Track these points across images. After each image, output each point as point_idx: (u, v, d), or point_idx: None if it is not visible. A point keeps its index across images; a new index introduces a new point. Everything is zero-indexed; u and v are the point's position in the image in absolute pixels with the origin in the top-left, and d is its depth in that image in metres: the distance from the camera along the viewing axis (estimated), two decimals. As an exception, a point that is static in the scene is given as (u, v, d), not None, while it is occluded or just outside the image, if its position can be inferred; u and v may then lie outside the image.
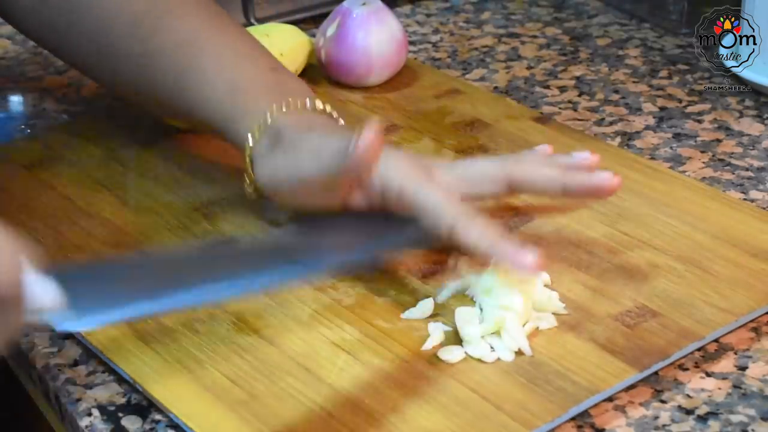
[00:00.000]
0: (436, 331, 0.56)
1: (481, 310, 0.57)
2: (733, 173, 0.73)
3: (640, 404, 0.54)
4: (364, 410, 0.52)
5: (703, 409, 0.53)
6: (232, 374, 0.54)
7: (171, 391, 0.53)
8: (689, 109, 0.82)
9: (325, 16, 1.01)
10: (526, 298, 0.56)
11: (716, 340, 0.57)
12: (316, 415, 0.52)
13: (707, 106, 0.82)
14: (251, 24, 0.94)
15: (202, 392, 0.53)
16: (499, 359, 0.55)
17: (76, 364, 0.57)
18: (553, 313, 0.58)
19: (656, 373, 0.55)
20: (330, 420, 0.51)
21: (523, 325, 0.56)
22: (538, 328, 0.57)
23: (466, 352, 0.55)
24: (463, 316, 0.56)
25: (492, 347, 0.55)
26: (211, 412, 0.52)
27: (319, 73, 0.85)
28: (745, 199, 0.70)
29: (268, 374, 0.54)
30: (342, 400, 0.52)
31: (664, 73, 0.88)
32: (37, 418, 0.64)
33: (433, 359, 0.55)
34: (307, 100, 0.64)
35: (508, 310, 0.56)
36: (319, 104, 0.64)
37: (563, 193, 0.62)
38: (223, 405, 0.52)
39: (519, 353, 0.55)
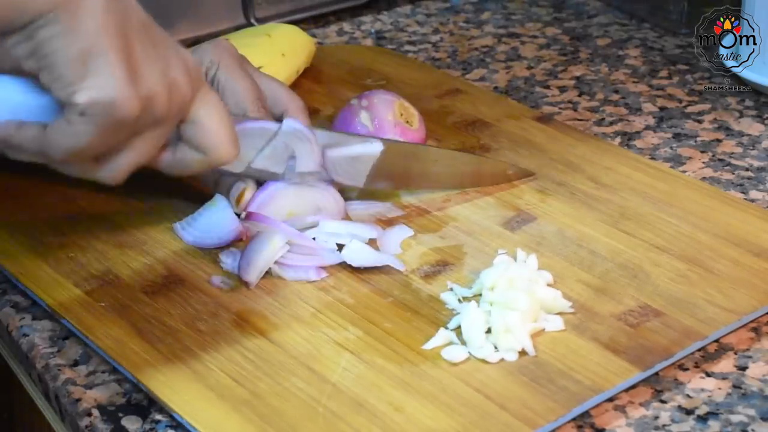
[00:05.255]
0: (440, 331, 0.56)
1: (485, 310, 0.57)
2: (733, 173, 0.73)
3: (640, 404, 0.54)
4: (368, 409, 0.52)
5: (703, 409, 0.53)
6: (236, 373, 0.54)
7: (174, 390, 0.53)
8: (689, 109, 0.82)
9: (325, 16, 1.01)
10: (533, 298, 0.57)
11: (716, 340, 0.57)
12: (319, 414, 0.52)
13: (707, 106, 0.83)
14: (251, 24, 0.94)
15: (206, 391, 0.53)
16: (502, 359, 0.55)
17: (76, 364, 0.57)
18: (559, 313, 0.58)
19: (656, 373, 0.55)
20: (333, 419, 0.51)
21: (534, 321, 0.56)
22: (544, 329, 0.57)
23: (469, 352, 0.55)
24: (467, 315, 0.56)
25: (495, 347, 0.55)
26: (214, 411, 0.52)
27: (319, 72, 0.85)
28: (745, 199, 0.70)
29: (271, 373, 0.54)
30: (345, 400, 0.52)
31: (664, 73, 0.88)
32: (37, 418, 0.63)
33: (437, 359, 0.55)
34: None
35: (511, 310, 0.56)
36: None
37: None
38: (227, 404, 0.52)
39: (522, 353, 0.55)
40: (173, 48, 0.56)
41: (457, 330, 0.57)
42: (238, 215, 0.64)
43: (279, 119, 0.68)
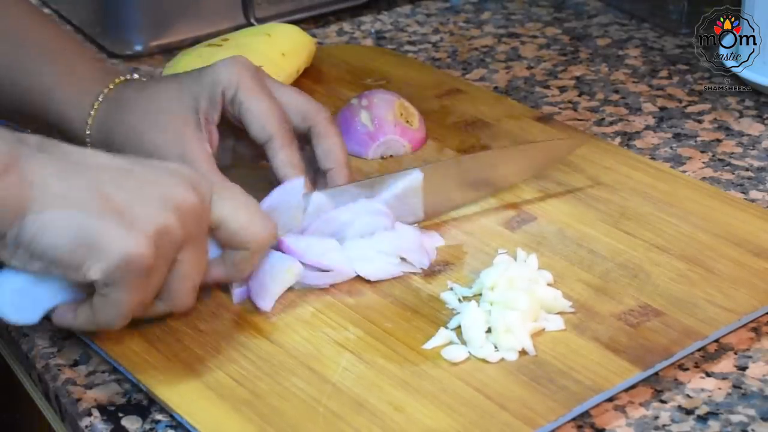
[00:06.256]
0: (440, 331, 0.56)
1: (486, 309, 0.57)
2: (733, 173, 0.73)
3: (640, 404, 0.54)
4: (368, 409, 0.52)
5: (703, 409, 0.53)
6: (236, 373, 0.54)
7: (175, 390, 0.53)
8: (689, 109, 0.82)
9: (325, 16, 1.01)
10: (533, 297, 0.57)
11: (716, 340, 0.57)
12: (319, 414, 0.52)
13: (707, 106, 0.83)
14: (251, 24, 0.94)
15: (206, 391, 0.53)
16: (502, 359, 0.55)
17: (76, 364, 0.57)
18: (559, 313, 0.58)
19: (656, 373, 0.55)
20: (333, 419, 0.51)
21: (534, 321, 0.56)
22: (544, 329, 0.57)
23: (469, 352, 0.55)
24: (467, 315, 0.56)
25: (496, 347, 0.55)
26: (214, 411, 0.52)
27: (319, 72, 0.85)
28: (745, 199, 0.70)
29: (271, 373, 0.54)
30: (346, 400, 0.52)
31: (664, 73, 0.88)
32: (37, 418, 0.63)
33: (437, 359, 0.55)
34: (134, 75, 0.68)
35: (512, 310, 0.56)
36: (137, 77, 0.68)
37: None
38: (227, 404, 0.52)
39: (522, 353, 0.55)
40: (163, 169, 0.54)
41: (458, 330, 0.57)
42: None
43: (306, 134, 0.65)
